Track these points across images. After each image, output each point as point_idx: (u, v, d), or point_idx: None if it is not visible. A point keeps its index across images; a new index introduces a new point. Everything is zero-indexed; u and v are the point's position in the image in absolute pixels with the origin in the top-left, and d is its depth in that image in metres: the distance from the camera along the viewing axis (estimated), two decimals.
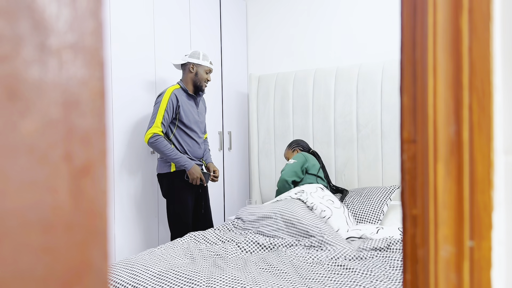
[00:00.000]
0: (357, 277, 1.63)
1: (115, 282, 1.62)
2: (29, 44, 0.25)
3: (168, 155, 2.34)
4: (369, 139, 2.92)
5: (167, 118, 2.37)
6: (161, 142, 2.32)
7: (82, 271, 0.27)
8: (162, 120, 2.34)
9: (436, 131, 0.45)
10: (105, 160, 0.29)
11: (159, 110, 2.35)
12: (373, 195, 2.63)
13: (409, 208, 0.48)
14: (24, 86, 0.24)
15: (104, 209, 0.29)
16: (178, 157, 2.36)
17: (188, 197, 2.47)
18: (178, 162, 2.37)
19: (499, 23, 0.43)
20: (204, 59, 2.52)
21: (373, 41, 3.13)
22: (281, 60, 3.54)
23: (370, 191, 2.69)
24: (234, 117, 3.49)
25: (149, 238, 2.67)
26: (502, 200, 0.44)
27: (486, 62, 0.43)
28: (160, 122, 2.34)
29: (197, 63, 2.49)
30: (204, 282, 1.52)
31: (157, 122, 2.33)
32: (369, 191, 2.70)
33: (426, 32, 0.45)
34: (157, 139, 2.31)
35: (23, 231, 0.24)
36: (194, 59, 2.49)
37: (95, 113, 0.28)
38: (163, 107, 2.35)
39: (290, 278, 1.61)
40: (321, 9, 3.33)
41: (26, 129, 0.24)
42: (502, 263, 0.44)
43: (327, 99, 3.11)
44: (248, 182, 3.65)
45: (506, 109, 0.44)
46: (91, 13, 0.28)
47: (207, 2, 3.17)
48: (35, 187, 0.25)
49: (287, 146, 3.00)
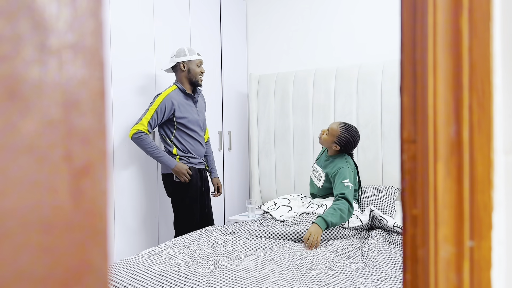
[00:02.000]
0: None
1: (115, 282, 1.62)
2: (29, 44, 0.25)
3: (151, 152, 2.33)
4: (369, 139, 2.92)
5: (156, 119, 2.36)
6: (144, 139, 2.31)
7: (82, 271, 0.27)
8: (150, 120, 2.34)
9: (436, 131, 0.45)
10: (105, 160, 0.29)
11: (149, 109, 2.35)
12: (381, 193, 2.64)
13: (409, 208, 0.48)
14: (24, 86, 0.24)
15: (104, 209, 0.29)
16: (161, 156, 2.35)
17: (193, 197, 2.47)
18: (161, 161, 2.37)
19: (499, 23, 0.43)
20: (190, 53, 2.48)
21: (373, 41, 3.13)
22: (281, 60, 3.54)
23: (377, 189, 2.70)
24: (234, 117, 3.49)
25: (149, 238, 2.67)
26: (502, 200, 0.44)
27: (486, 62, 0.43)
28: (147, 121, 2.33)
29: (186, 60, 2.46)
30: (204, 282, 1.52)
31: (144, 120, 2.32)
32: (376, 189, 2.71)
33: (426, 32, 0.45)
34: (140, 136, 2.31)
35: (23, 231, 0.24)
36: (181, 58, 2.46)
37: (95, 113, 0.28)
38: (154, 108, 2.35)
39: (288, 270, 1.61)
40: (321, 9, 3.33)
41: (26, 129, 0.24)
42: (502, 263, 0.44)
43: (327, 99, 3.11)
44: (248, 182, 3.65)
45: (506, 109, 0.44)
46: (91, 13, 0.28)
47: (207, 2, 3.17)
48: (35, 187, 0.25)
49: (343, 125, 2.36)
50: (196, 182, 2.49)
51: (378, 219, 2.28)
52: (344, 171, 2.27)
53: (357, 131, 2.39)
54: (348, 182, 2.22)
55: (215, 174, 2.73)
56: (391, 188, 2.70)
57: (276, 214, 2.46)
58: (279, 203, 2.58)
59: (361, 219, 2.30)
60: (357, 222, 2.27)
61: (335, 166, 2.34)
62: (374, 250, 1.94)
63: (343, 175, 2.25)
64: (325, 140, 2.39)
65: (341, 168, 2.28)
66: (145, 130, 2.32)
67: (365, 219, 2.31)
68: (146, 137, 2.31)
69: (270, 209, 2.53)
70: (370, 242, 2.10)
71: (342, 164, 2.31)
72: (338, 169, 2.30)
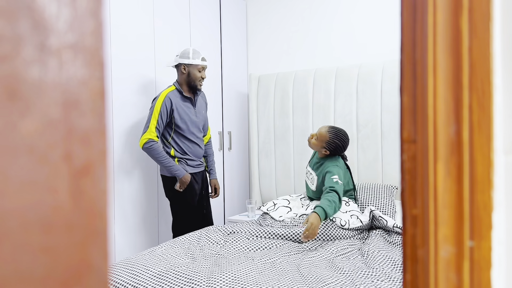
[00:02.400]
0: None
1: (115, 282, 1.62)
2: (29, 44, 0.25)
3: (161, 161, 2.35)
4: (369, 139, 2.92)
5: (161, 123, 2.36)
6: (155, 148, 2.33)
7: (82, 271, 0.27)
8: (156, 125, 2.35)
9: (436, 131, 0.45)
10: (105, 160, 0.29)
11: (153, 115, 2.35)
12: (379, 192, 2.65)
13: (409, 208, 0.48)
14: (24, 86, 0.24)
15: (104, 209, 0.29)
16: (171, 166, 2.36)
17: (191, 198, 2.47)
18: (170, 170, 2.38)
19: (499, 23, 0.43)
20: (194, 57, 2.42)
21: (373, 41, 3.12)
22: (281, 60, 3.54)
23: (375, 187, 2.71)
24: (234, 117, 3.49)
25: (149, 238, 2.67)
26: (502, 200, 0.44)
27: (486, 62, 0.43)
28: (154, 127, 2.34)
29: (188, 63, 2.41)
30: (205, 282, 1.52)
31: (151, 127, 2.33)
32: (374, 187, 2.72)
33: (426, 32, 0.45)
34: (151, 145, 2.32)
35: (23, 231, 0.24)
36: (184, 59, 2.42)
37: (95, 113, 0.28)
38: (157, 112, 2.35)
39: (288, 272, 1.61)
40: (321, 9, 3.33)
41: (26, 129, 0.24)
42: (502, 263, 0.44)
43: (327, 99, 3.11)
44: (248, 182, 3.66)
45: (506, 109, 0.44)
46: (91, 13, 0.28)
47: (207, 2, 3.17)
48: (35, 187, 0.25)
49: (331, 130, 2.39)
50: (195, 187, 2.50)
51: (378, 219, 2.28)
52: (333, 169, 2.34)
53: (346, 135, 2.42)
54: (337, 178, 2.28)
55: (214, 175, 2.73)
56: (390, 187, 2.70)
57: (275, 215, 2.46)
58: (279, 204, 2.58)
59: (361, 219, 2.30)
60: (357, 222, 2.27)
61: (325, 167, 2.40)
62: (374, 251, 1.94)
63: (332, 173, 2.32)
64: (314, 145, 2.43)
65: (330, 167, 2.36)
66: (155, 137, 2.34)
67: (365, 219, 2.31)
68: (156, 147, 2.33)
69: (269, 210, 2.53)
70: (370, 242, 2.10)
71: (332, 163, 2.39)
72: (327, 168, 2.38)
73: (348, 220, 2.25)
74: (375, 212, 2.31)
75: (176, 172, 2.37)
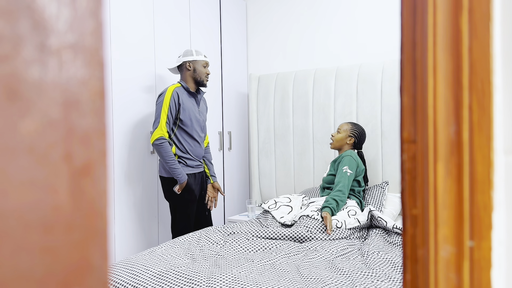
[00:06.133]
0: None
1: (115, 282, 1.62)
2: (29, 44, 0.25)
3: (167, 161, 2.35)
4: (369, 139, 2.92)
5: (171, 117, 2.38)
6: (165, 147, 2.33)
7: (82, 271, 0.27)
8: (166, 120, 2.36)
9: (436, 131, 0.45)
10: (105, 160, 0.29)
11: (162, 110, 2.35)
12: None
13: (409, 208, 0.48)
14: (24, 86, 0.24)
15: (104, 209, 0.29)
16: (176, 168, 2.37)
17: (190, 200, 2.47)
18: (173, 172, 2.38)
19: (499, 23, 0.43)
20: (197, 54, 2.52)
21: (373, 41, 3.12)
22: (281, 60, 3.54)
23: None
24: (234, 117, 3.49)
25: (149, 238, 2.67)
26: (502, 200, 0.44)
27: (486, 62, 0.43)
28: (165, 123, 2.35)
29: (192, 59, 2.49)
30: (204, 282, 1.52)
31: (162, 123, 2.34)
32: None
33: (426, 32, 0.45)
34: (162, 143, 2.33)
35: (23, 231, 0.24)
36: (188, 57, 2.49)
37: (95, 113, 0.28)
38: (166, 107, 2.36)
39: (287, 271, 1.60)
40: (321, 9, 3.33)
41: (26, 129, 0.24)
42: (502, 263, 0.44)
43: (327, 99, 3.11)
44: (248, 182, 3.65)
45: (506, 109, 0.44)
46: (91, 13, 0.28)
47: (207, 2, 3.17)
48: (35, 187, 0.25)
49: (351, 125, 2.65)
50: (195, 188, 2.49)
51: (377, 220, 2.28)
52: (346, 158, 2.50)
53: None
54: (347, 168, 2.44)
55: (215, 179, 2.73)
56: (379, 186, 2.74)
57: (276, 214, 2.46)
58: (280, 202, 2.58)
59: (359, 219, 2.30)
60: (355, 223, 2.27)
61: (340, 157, 2.57)
62: (374, 251, 1.94)
63: (343, 163, 2.48)
64: (339, 138, 2.61)
65: (344, 157, 2.52)
66: (166, 134, 2.35)
67: (363, 219, 2.31)
68: (166, 146, 2.34)
69: (270, 208, 2.53)
70: (370, 242, 2.10)
71: (346, 154, 2.54)
72: (341, 158, 2.54)
73: (344, 221, 2.25)
74: (374, 212, 2.31)
75: (178, 176, 2.37)
